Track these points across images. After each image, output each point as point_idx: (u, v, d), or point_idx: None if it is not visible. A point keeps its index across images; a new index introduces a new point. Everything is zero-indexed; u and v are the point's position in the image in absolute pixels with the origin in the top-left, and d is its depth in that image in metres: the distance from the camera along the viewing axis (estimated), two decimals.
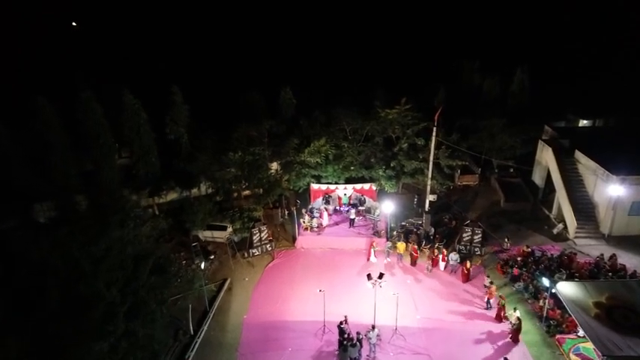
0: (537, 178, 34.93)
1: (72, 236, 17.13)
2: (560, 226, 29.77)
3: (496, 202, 34.39)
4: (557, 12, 43.01)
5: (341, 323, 20.79)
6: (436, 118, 28.38)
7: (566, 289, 20.51)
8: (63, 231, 17.73)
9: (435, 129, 28.66)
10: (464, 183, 37.12)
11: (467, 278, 25.49)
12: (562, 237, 29.28)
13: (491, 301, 23.24)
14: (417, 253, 27.12)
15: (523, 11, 45.98)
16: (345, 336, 20.21)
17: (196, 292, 22.70)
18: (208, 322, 22.99)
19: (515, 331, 20.93)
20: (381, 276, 20.78)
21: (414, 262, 27.17)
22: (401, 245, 27.41)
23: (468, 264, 25.58)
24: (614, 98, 39.07)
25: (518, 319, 20.97)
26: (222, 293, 25.33)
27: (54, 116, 28.32)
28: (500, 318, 22.50)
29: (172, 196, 34.30)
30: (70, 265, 15.56)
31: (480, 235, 26.70)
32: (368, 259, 27.71)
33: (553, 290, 20.76)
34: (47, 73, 41.51)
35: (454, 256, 26.13)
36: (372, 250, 27.62)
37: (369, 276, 20.92)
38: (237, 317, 23.57)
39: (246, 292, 25.56)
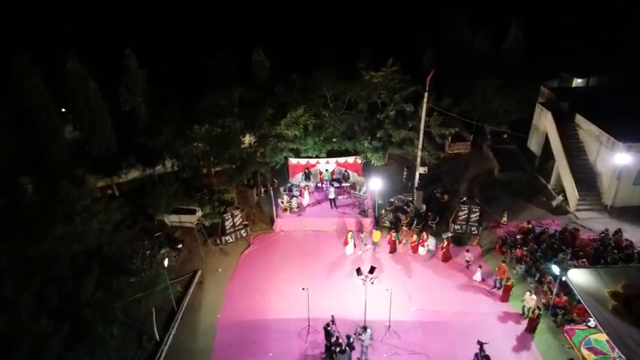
0: (534, 144, 32.38)
1: None
2: (560, 197, 27.54)
3: (489, 172, 31.92)
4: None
5: (327, 325, 18.25)
6: (428, 81, 25.22)
7: (578, 277, 18.20)
8: None
9: (426, 94, 25.54)
10: (455, 151, 34.39)
11: (446, 258, 23.49)
12: (562, 210, 27.07)
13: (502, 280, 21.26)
14: (392, 240, 24.38)
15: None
16: (333, 340, 17.76)
17: (161, 293, 19.68)
18: (176, 325, 20.19)
19: (532, 321, 18.98)
20: (372, 270, 18.17)
21: (393, 250, 24.57)
22: (376, 234, 24.60)
23: (445, 242, 23.42)
24: (610, 56, 36.67)
25: (538, 307, 19.08)
26: (191, 288, 22.44)
27: None
28: (506, 299, 20.73)
29: (134, 174, 30.71)
30: None
31: (477, 214, 24.15)
32: (355, 247, 24.85)
33: (563, 278, 18.55)
34: None
35: (432, 241, 23.73)
36: (349, 238, 24.38)
37: (358, 271, 18.24)
38: (210, 317, 20.81)
39: (220, 286, 22.73)
